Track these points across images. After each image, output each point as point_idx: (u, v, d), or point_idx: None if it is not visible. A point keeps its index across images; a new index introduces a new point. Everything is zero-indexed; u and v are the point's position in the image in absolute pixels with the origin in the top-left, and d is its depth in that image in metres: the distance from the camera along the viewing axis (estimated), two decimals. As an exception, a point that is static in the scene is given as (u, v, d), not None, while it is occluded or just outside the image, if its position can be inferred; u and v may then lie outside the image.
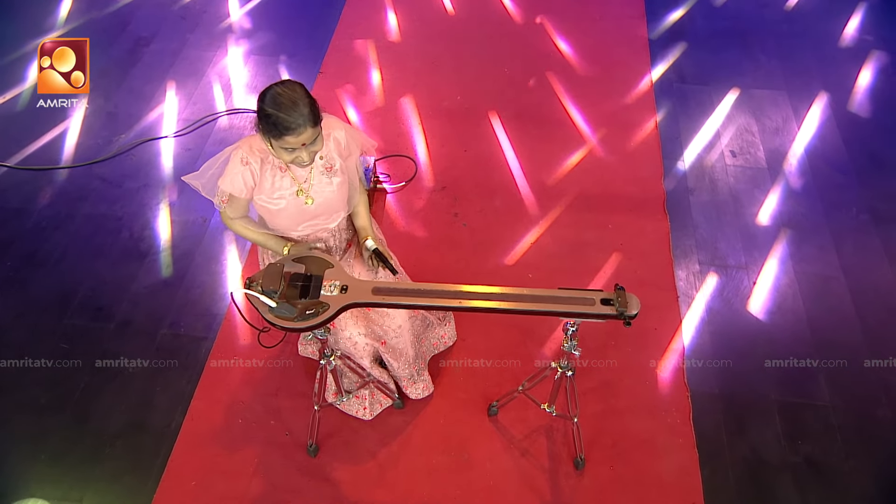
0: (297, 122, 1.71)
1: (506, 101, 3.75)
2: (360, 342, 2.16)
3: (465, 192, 3.30)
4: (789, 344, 2.72)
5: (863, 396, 2.57)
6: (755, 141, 3.55)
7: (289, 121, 1.71)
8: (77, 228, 3.14)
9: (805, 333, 2.75)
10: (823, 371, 2.64)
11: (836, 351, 2.69)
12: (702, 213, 3.21)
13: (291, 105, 1.71)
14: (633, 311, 1.79)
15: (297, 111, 1.71)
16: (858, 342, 2.72)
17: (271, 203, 1.97)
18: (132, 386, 2.60)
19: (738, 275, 2.96)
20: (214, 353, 2.68)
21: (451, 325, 2.65)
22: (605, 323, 2.67)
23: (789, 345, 2.72)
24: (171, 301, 2.86)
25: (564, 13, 4.33)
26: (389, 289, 1.85)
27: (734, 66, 3.99)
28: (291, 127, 1.72)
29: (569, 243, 3.08)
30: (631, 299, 1.81)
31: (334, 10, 4.34)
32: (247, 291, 1.82)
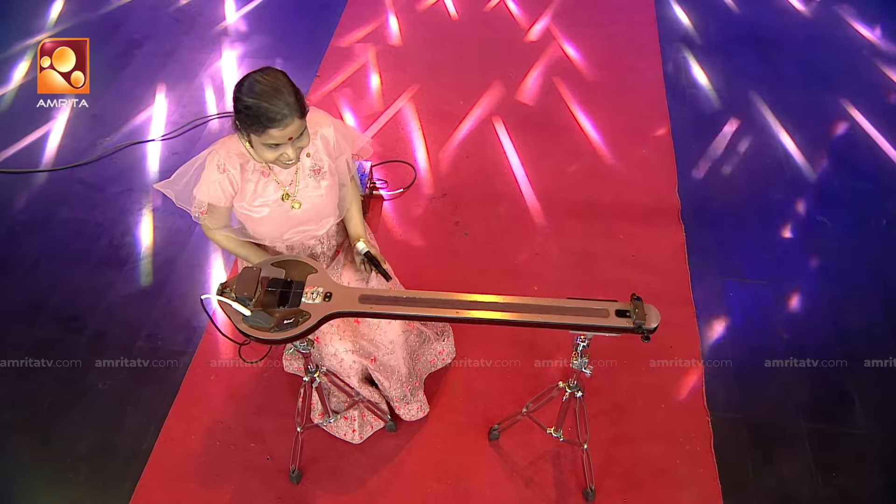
0: (281, 111, 1.54)
1: (511, 106, 3.60)
2: (346, 360, 1.96)
3: (467, 199, 3.12)
4: (818, 364, 2.51)
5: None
6: (775, 148, 3.37)
7: (272, 111, 1.53)
8: (53, 234, 2.97)
9: (837, 352, 2.54)
10: (859, 395, 2.42)
11: (872, 372, 2.48)
12: (720, 223, 3.02)
13: (274, 93, 1.54)
14: (653, 324, 1.60)
15: (282, 100, 1.54)
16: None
17: (253, 210, 1.80)
18: (102, 403, 2.40)
19: (760, 288, 2.76)
20: (193, 369, 2.49)
21: (449, 340, 2.45)
22: (618, 339, 2.48)
23: (818, 365, 2.51)
24: (150, 312, 2.67)
25: (572, 19, 4.20)
26: (378, 297, 1.66)
27: (751, 73, 3.83)
28: (276, 118, 1.54)
29: (577, 254, 2.89)
30: (650, 311, 1.62)
31: (333, 14, 4.22)
32: (218, 298, 1.64)
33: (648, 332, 1.60)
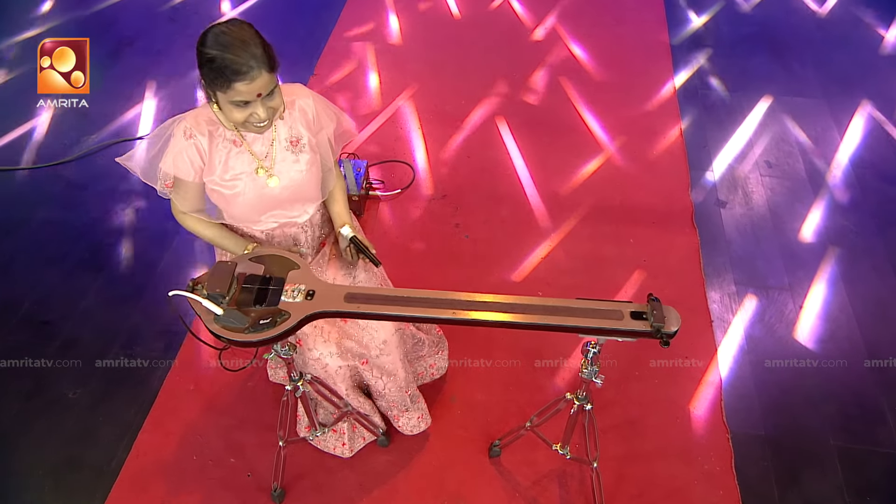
0: (248, 63, 1.39)
1: (514, 106, 3.46)
2: (331, 364, 1.79)
3: (468, 200, 2.97)
4: (846, 378, 2.34)
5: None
6: (793, 151, 3.22)
7: (238, 62, 1.39)
8: (30, 235, 2.83)
9: (864, 365, 2.37)
10: (892, 411, 2.25)
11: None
12: (736, 227, 2.86)
13: (240, 44, 1.40)
14: (673, 327, 1.43)
15: (248, 51, 1.40)
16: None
17: (225, 186, 1.64)
18: (72, 415, 2.24)
19: (781, 297, 2.59)
20: (171, 378, 2.33)
21: (443, 354, 2.26)
22: (629, 346, 2.30)
23: (846, 379, 2.33)
24: (127, 317, 2.52)
25: (579, 19, 4.07)
26: (367, 295, 1.50)
27: (764, 73, 3.69)
28: (242, 70, 1.39)
29: (585, 259, 2.73)
30: (669, 313, 1.45)
31: (332, 13, 4.10)
32: (188, 295, 1.49)
33: (668, 336, 1.43)
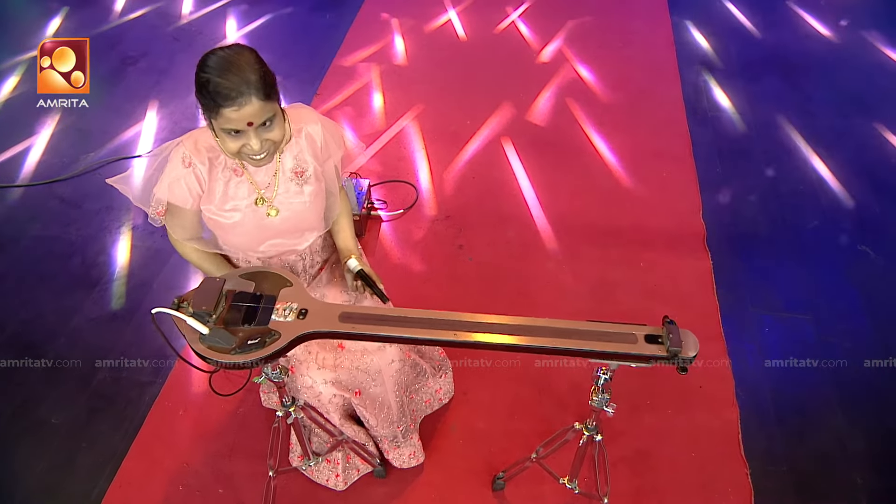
0: (237, 88, 1.31)
1: (520, 126, 3.40)
2: (324, 393, 1.69)
3: (472, 221, 2.89)
4: (875, 410, 2.21)
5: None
6: (808, 174, 3.14)
7: (226, 87, 1.30)
8: (22, 252, 2.76)
9: (894, 398, 2.25)
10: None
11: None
12: (750, 251, 2.76)
13: (234, 69, 1.31)
14: (691, 352, 1.34)
15: (239, 75, 1.31)
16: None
17: (222, 216, 1.56)
18: (53, 441, 2.13)
19: (800, 323, 2.48)
20: (160, 402, 2.23)
21: (447, 376, 2.17)
22: (640, 374, 2.19)
23: (875, 412, 2.21)
24: (117, 338, 2.42)
25: (585, 41, 4.05)
26: (362, 315, 1.41)
27: (776, 96, 3.63)
28: (231, 95, 1.31)
29: (593, 282, 2.63)
30: (686, 337, 1.36)
31: (338, 34, 4.09)
32: (172, 313, 1.40)
33: (685, 362, 1.33)
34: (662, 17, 4.30)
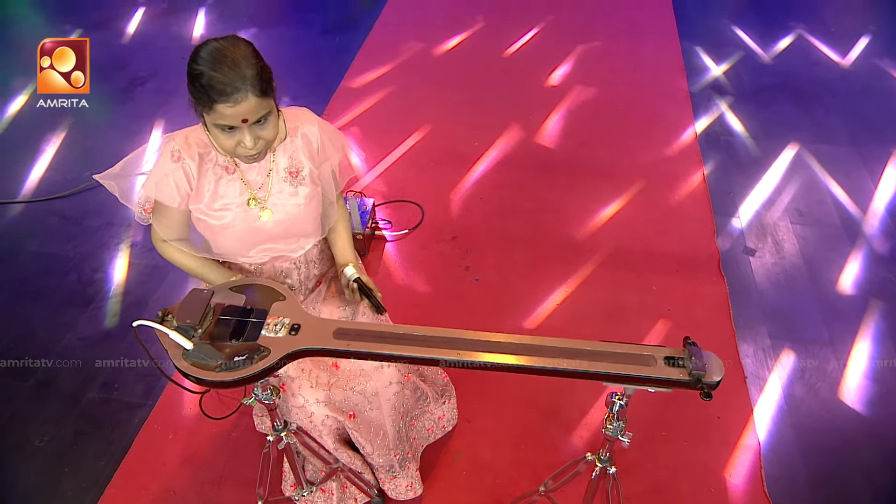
0: (233, 84, 1.23)
1: (529, 148, 3.32)
2: (317, 413, 1.57)
3: (479, 243, 2.79)
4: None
5: None
6: (824, 199, 3.03)
7: (222, 81, 1.23)
8: (17, 268, 2.67)
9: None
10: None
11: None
12: (767, 277, 2.64)
13: (230, 62, 1.24)
14: (715, 376, 1.22)
15: (236, 71, 1.24)
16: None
17: (212, 216, 1.48)
18: (35, 465, 2.01)
19: (821, 353, 2.34)
20: (149, 425, 2.11)
21: (451, 402, 2.04)
22: (654, 402, 2.07)
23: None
24: (109, 357, 2.32)
25: (595, 66, 3.99)
26: (359, 331, 1.30)
27: (788, 121, 3.54)
28: (226, 91, 1.23)
29: (604, 306, 2.52)
30: (710, 359, 1.24)
31: (347, 56, 4.06)
32: (154, 326, 1.30)
33: (710, 387, 1.21)
34: (672, 43, 4.25)
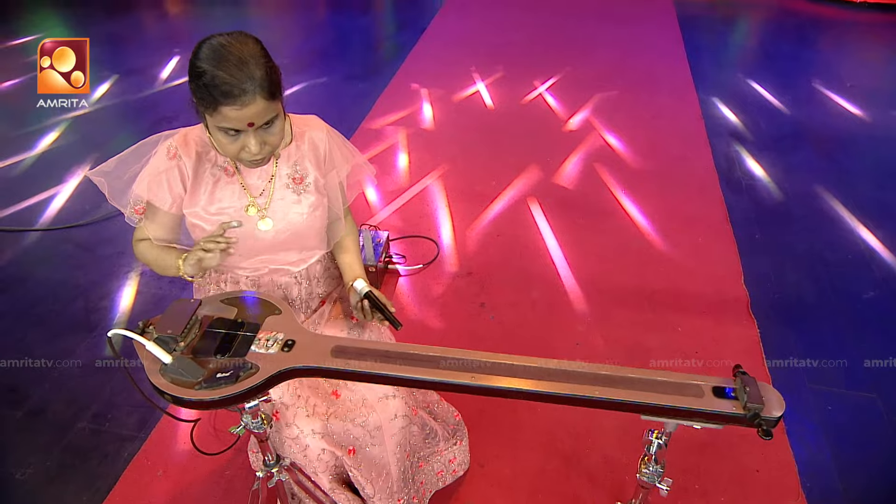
0: (240, 85, 1.09)
1: (547, 188, 3.17)
2: (312, 447, 1.35)
3: (496, 280, 2.60)
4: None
5: None
6: (856, 246, 2.81)
7: (229, 82, 1.09)
8: (25, 294, 2.53)
9: None
10: None
11: None
12: (802, 321, 2.40)
13: (237, 61, 1.10)
14: (776, 411, 0.99)
15: (244, 71, 1.10)
16: None
17: (208, 221, 1.31)
18: (12, 499, 1.79)
19: (867, 404, 2.08)
20: (139, 460, 1.89)
21: (462, 443, 1.80)
22: (688, 449, 1.82)
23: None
24: (105, 386, 2.13)
25: (613, 112, 3.89)
26: (360, 350, 1.11)
27: (811, 168, 3.37)
28: (233, 92, 1.09)
29: (626, 348, 2.29)
30: (766, 391, 1.02)
31: (368, 101, 4.01)
32: (132, 336, 1.12)
33: (769, 423, 0.98)
34: (689, 93, 4.15)
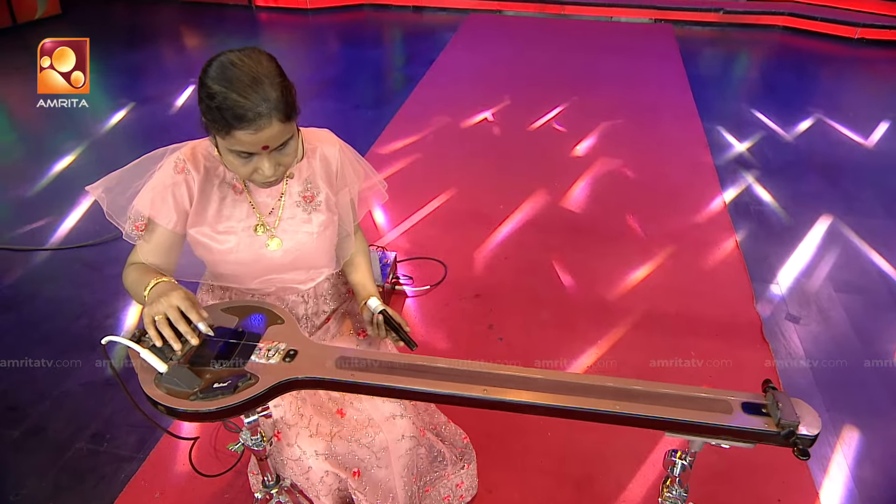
0: (255, 108, 1.01)
1: (555, 212, 3.11)
2: (314, 468, 1.25)
3: (504, 301, 2.52)
4: None
5: None
6: (867, 269, 2.72)
7: (243, 106, 1.01)
8: (30, 311, 2.46)
9: None
10: None
11: None
12: (816, 346, 2.30)
13: (251, 82, 1.02)
14: (813, 429, 0.90)
15: (259, 92, 1.02)
16: None
17: (214, 238, 1.24)
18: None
19: (888, 430, 1.97)
20: (136, 482, 1.79)
21: (471, 467, 1.70)
22: (704, 476, 1.71)
23: None
24: (105, 405, 2.04)
25: (619, 140, 3.86)
26: (365, 361, 1.03)
27: (819, 194, 3.31)
28: (247, 116, 1.01)
29: (638, 370, 2.19)
30: (800, 408, 0.94)
31: (377, 127, 4.00)
32: (127, 343, 1.05)
33: (805, 442, 0.89)
34: (693, 122, 4.13)
